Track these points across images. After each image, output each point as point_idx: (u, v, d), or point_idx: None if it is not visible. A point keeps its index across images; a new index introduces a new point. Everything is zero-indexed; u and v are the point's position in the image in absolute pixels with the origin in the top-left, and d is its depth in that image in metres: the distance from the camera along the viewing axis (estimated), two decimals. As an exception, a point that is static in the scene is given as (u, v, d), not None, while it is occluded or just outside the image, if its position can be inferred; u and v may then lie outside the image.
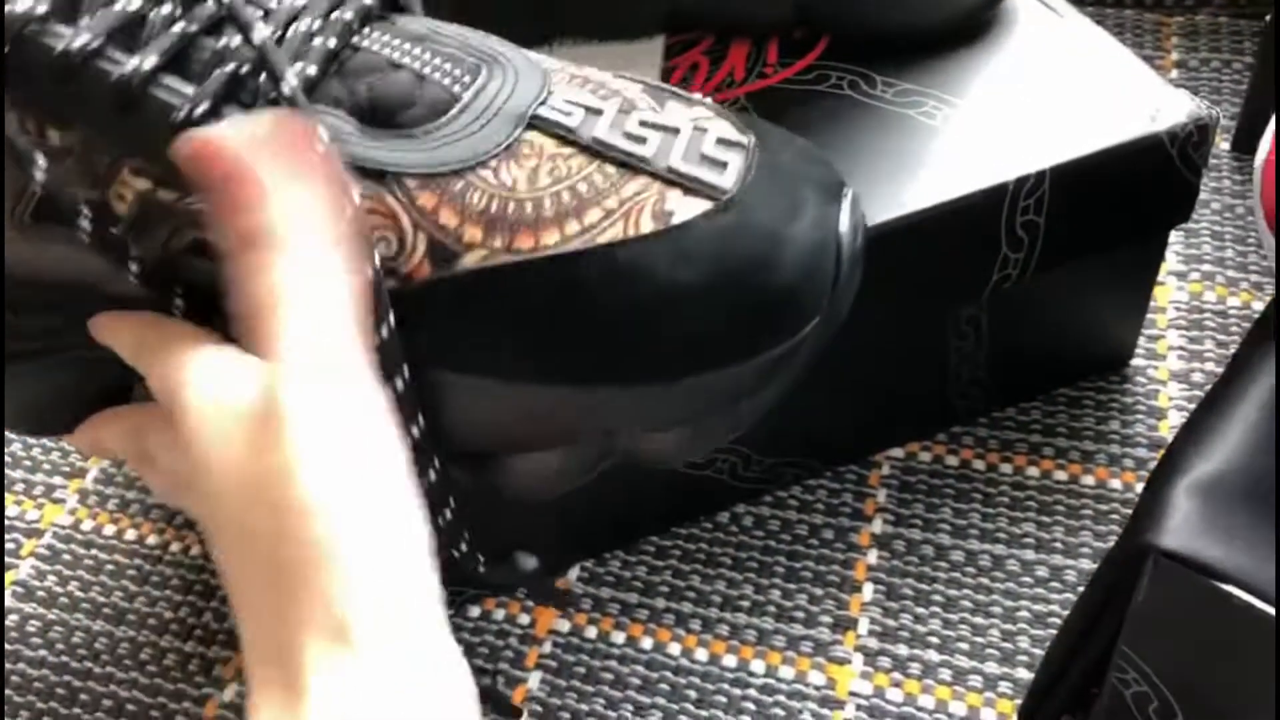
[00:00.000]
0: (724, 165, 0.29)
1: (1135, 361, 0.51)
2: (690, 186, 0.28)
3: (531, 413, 0.28)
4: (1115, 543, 0.35)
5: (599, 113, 0.29)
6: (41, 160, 0.25)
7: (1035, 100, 0.43)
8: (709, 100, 0.32)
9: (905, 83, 0.44)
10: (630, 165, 0.28)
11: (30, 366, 0.31)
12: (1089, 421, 0.49)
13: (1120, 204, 0.43)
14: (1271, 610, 0.30)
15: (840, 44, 0.46)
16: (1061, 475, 0.48)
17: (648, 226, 0.28)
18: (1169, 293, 0.54)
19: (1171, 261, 0.55)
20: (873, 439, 0.49)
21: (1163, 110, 0.42)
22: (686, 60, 0.47)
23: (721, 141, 0.29)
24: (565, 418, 0.29)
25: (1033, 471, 0.48)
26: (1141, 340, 0.52)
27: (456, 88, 0.28)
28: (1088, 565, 0.44)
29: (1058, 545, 0.45)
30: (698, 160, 0.29)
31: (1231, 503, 0.33)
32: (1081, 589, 0.44)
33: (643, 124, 0.29)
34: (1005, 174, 0.40)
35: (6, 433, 0.54)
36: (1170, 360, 0.51)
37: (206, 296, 0.28)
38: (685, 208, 0.28)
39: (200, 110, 0.25)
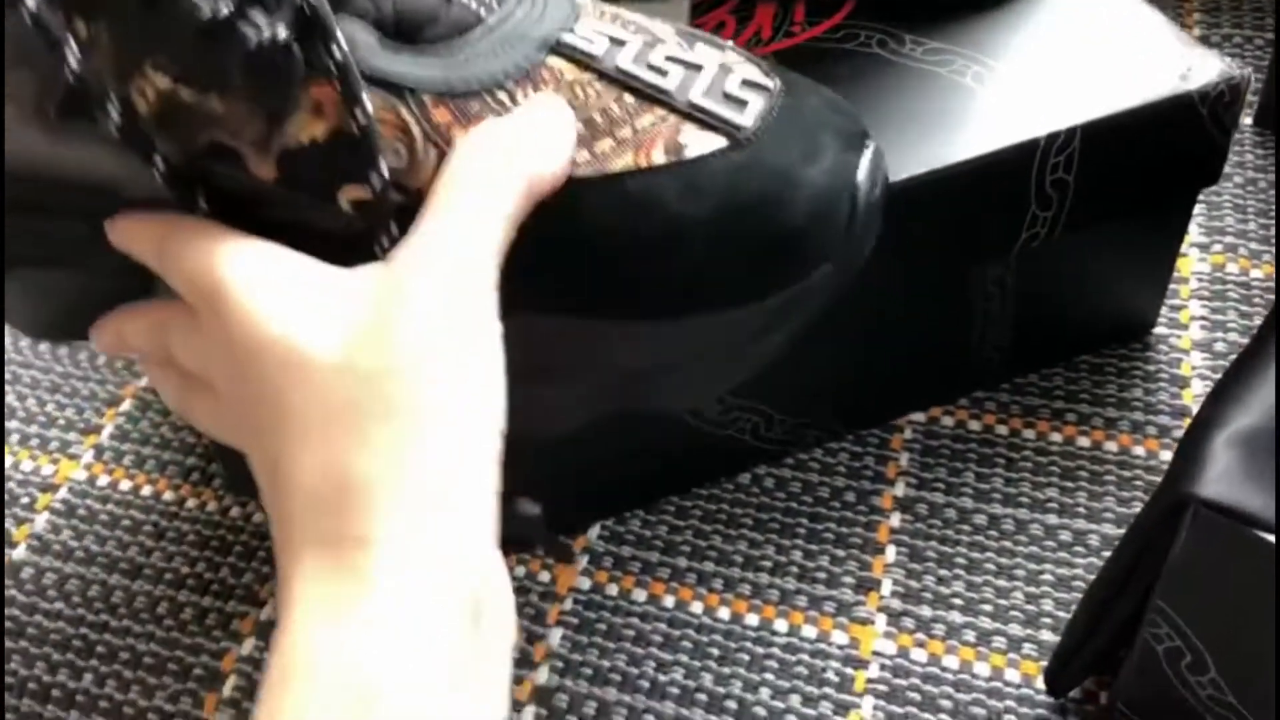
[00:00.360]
0: (745, 104, 0.29)
1: (1158, 330, 0.51)
2: (708, 122, 0.28)
3: (533, 343, 0.28)
4: (1146, 504, 0.35)
5: (623, 44, 0.29)
6: (74, 45, 0.25)
7: (1066, 59, 0.42)
8: (740, 48, 0.31)
9: (935, 41, 0.44)
10: (650, 97, 0.28)
11: (56, 273, 0.31)
12: (1111, 389, 0.49)
13: (1150, 163, 0.43)
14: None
15: (868, 3, 0.46)
16: (1084, 441, 0.47)
17: (659, 159, 0.27)
18: (1191, 264, 0.54)
19: (1194, 234, 0.55)
20: (895, 402, 0.49)
21: (1194, 70, 0.42)
22: (713, 19, 0.47)
23: (746, 83, 0.29)
24: (568, 350, 0.28)
25: (1056, 437, 0.48)
26: (1164, 310, 0.52)
27: (482, 10, 0.28)
28: (1111, 530, 0.44)
29: (1081, 510, 0.45)
30: (719, 97, 0.28)
31: (1269, 454, 0.32)
32: (1106, 553, 0.43)
33: (668, 58, 0.29)
34: (1036, 130, 0.40)
35: (23, 387, 0.54)
36: (1193, 330, 0.51)
37: (230, 200, 0.27)
38: (700, 143, 0.28)
39: (224, 10, 0.25)
